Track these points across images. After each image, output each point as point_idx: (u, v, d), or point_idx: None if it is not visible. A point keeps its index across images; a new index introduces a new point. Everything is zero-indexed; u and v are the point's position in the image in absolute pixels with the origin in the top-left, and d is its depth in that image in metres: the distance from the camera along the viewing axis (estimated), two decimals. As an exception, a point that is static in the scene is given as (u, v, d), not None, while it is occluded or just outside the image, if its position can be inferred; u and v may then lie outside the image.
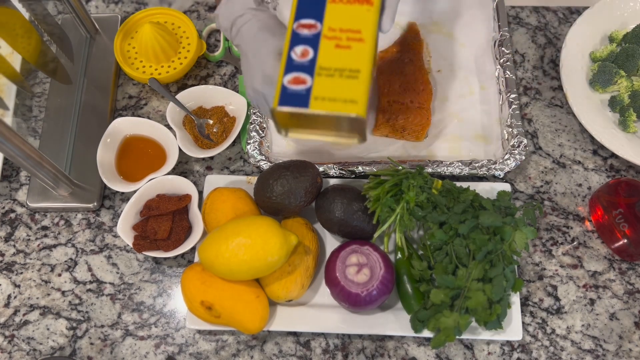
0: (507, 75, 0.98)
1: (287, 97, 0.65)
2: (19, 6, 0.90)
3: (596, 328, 0.87)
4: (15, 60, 1.03)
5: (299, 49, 0.66)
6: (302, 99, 0.65)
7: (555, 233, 0.93)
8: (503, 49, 1.00)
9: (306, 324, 0.85)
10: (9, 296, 0.91)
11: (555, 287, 0.90)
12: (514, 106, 0.95)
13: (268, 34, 0.78)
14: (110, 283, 0.91)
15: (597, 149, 0.98)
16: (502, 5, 1.04)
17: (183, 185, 0.92)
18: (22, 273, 0.92)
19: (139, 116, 1.01)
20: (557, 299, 0.89)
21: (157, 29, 0.98)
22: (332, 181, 0.93)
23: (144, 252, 0.88)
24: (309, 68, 0.66)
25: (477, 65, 1.03)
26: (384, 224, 0.84)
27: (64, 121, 1.00)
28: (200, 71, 1.05)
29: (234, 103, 0.99)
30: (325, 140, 0.71)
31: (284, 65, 0.66)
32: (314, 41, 0.67)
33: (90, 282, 0.92)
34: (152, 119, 1.00)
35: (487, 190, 0.91)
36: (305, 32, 0.67)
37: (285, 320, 0.86)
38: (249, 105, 0.98)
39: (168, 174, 0.93)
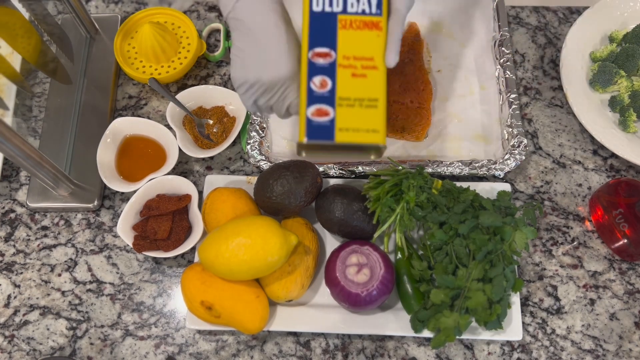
0: (507, 75, 0.98)
1: (313, 129, 0.67)
2: (19, 6, 0.90)
3: (596, 328, 0.87)
4: (15, 60, 1.03)
5: (317, 80, 0.68)
6: (327, 131, 0.68)
7: (555, 233, 0.93)
8: (503, 49, 1.00)
9: (306, 324, 0.85)
10: (9, 296, 0.91)
11: (555, 287, 0.90)
12: (514, 106, 0.95)
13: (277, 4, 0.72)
14: (110, 283, 0.91)
15: (597, 149, 0.98)
16: (502, 5, 1.04)
17: (183, 185, 0.92)
18: (22, 273, 0.92)
19: (139, 116, 1.01)
20: (557, 299, 0.89)
21: (157, 29, 0.98)
22: (332, 181, 0.93)
23: (144, 252, 0.88)
24: (330, 99, 0.68)
25: (477, 65, 1.03)
26: (384, 224, 0.84)
27: (64, 121, 1.00)
28: (200, 71, 1.05)
29: (234, 103, 0.99)
30: (343, 160, 0.75)
31: (306, 97, 0.68)
32: (330, 71, 0.69)
33: (90, 282, 0.92)
34: (152, 119, 1.00)
35: (487, 190, 0.91)
36: (321, 61, 0.69)
37: (285, 320, 0.86)
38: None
39: (168, 174, 0.93)
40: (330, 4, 0.70)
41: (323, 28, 0.69)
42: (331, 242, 0.91)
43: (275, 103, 0.74)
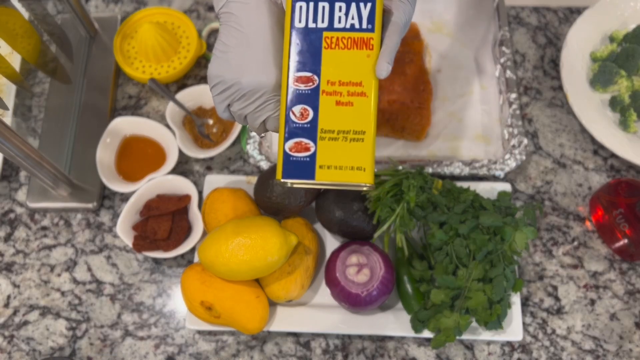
0: (507, 75, 0.98)
1: (291, 166, 0.60)
2: (18, 6, 0.90)
3: (596, 328, 0.87)
4: (15, 60, 1.03)
5: (297, 109, 0.61)
6: (307, 169, 0.60)
7: (556, 233, 0.93)
8: (503, 48, 1.00)
9: (306, 324, 0.85)
10: (9, 296, 0.91)
11: (555, 288, 0.90)
12: (514, 106, 0.95)
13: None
14: (109, 283, 0.91)
15: (598, 149, 0.98)
16: (503, 5, 1.03)
17: (183, 185, 0.92)
18: (21, 273, 0.92)
19: (139, 116, 1.01)
20: (557, 299, 0.89)
21: (157, 29, 0.98)
22: (332, 181, 0.93)
23: (143, 252, 0.88)
24: (311, 131, 0.60)
25: (477, 65, 1.03)
26: (384, 224, 0.84)
27: (63, 121, 1.00)
28: (200, 71, 1.05)
29: (234, 103, 0.99)
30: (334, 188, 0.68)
31: (284, 129, 0.61)
32: (312, 98, 0.61)
33: (90, 282, 0.91)
34: (152, 119, 1.00)
35: (487, 190, 0.91)
36: (302, 87, 0.61)
37: (285, 320, 0.85)
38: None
39: (168, 174, 0.93)
40: (315, 19, 0.60)
41: (306, 48, 0.61)
42: (331, 242, 0.91)
43: (250, 113, 0.65)
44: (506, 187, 0.92)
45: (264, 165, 0.93)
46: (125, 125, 0.97)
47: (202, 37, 1.07)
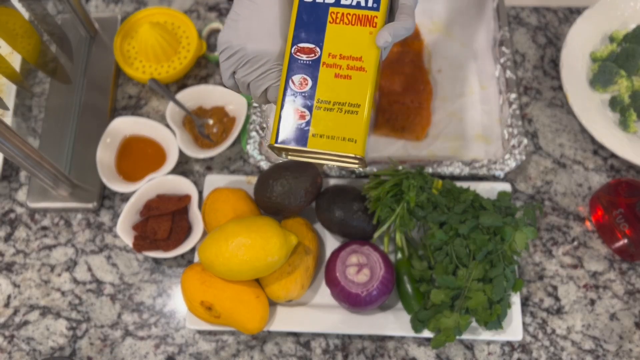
0: (507, 75, 0.98)
1: (286, 132, 0.62)
2: (18, 6, 0.90)
3: (596, 328, 0.87)
4: (15, 60, 1.03)
5: (297, 78, 0.63)
6: (300, 135, 0.62)
7: (556, 233, 0.93)
8: (503, 49, 1.00)
9: (306, 324, 0.85)
10: (9, 296, 0.91)
11: (555, 287, 0.90)
12: (514, 106, 0.95)
13: None
14: (110, 283, 0.91)
15: (597, 149, 0.98)
16: (502, 5, 1.03)
17: (183, 185, 0.92)
18: (22, 273, 0.92)
19: (139, 116, 1.01)
20: (557, 299, 0.89)
21: (157, 29, 0.98)
22: (332, 181, 0.93)
23: (143, 252, 0.88)
24: (308, 100, 0.63)
25: (477, 65, 1.03)
26: (384, 224, 0.84)
27: (63, 121, 1.00)
28: (200, 71, 1.05)
29: (234, 103, 0.99)
30: (328, 164, 0.69)
31: (282, 96, 0.63)
32: (313, 69, 0.63)
33: (90, 282, 0.92)
34: (152, 119, 1.00)
35: (487, 190, 0.91)
36: (303, 57, 0.64)
37: (285, 320, 0.85)
38: (249, 105, 0.98)
39: (168, 174, 0.93)
40: None
41: (311, 20, 0.64)
42: (331, 242, 0.91)
43: (253, 81, 0.68)
44: (506, 187, 0.92)
45: (264, 165, 0.93)
46: (125, 125, 0.97)
47: (202, 37, 1.07)
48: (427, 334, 0.84)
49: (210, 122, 0.98)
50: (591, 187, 0.96)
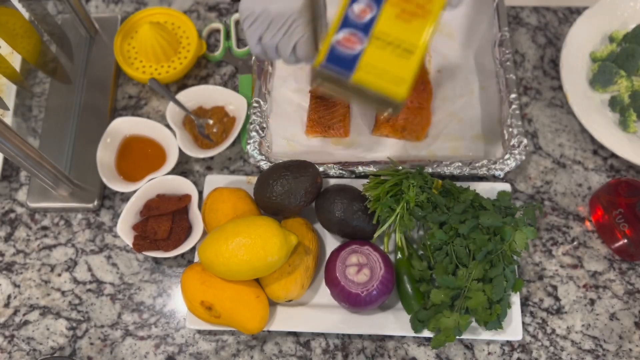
0: (507, 75, 0.98)
1: (334, 57, 0.60)
2: (18, 6, 0.90)
3: (596, 328, 0.87)
4: (15, 60, 1.03)
5: (358, 7, 0.61)
6: (348, 63, 0.60)
7: (556, 233, 0.93)
8: (503, 49, 1.00)
9: (306, 324, 0.85)
10: (9, 296, 0.91)
11: (555, 287, 0.90)
12: (514, 106, 0.95)
13: None
14: (110, 283, 0.91)
15: (597, 149, 0.98)
16: (502, 5, 1.03)
17: (183, 185, 0.92)
18: (22, 273, 0.92)
19: (138, 116, 1.01)
20: (557, 299, 0.89)
21: (157, 29, 0.98)
22: (332, 181, 0.93)
23: (143, 252, 0.88)
24: (365, 29, 0.60)
25: (477, 65, 1.03)
26: (384, 224, 0.84)
27: (63, 121, 1.00)
28: (200, 71, 1.05)
29: (234, 103, 0.99)
30: (356, 104, 0.67)
31: (339, 21, 0.61)
32: (377, 2, 0.61)
33: (90, 282, 0.92)
34: (152, 119, 1.00)
35: (487, 190, 0.91)
36: None
37: (285, 320, 0.86)
38: (249, 105, 0.98)
39: (168, 174, 0.93)
40: None
41: None
42: (331, 242, 0.91)
43: (281, 40, 0.68)
44: (506, 187, 0.92)
45: (264, 165, 0.93)
46: (125, 125, 0.97)
47: (202, 37, 1.07)
48: (427, 333, 0.84)
49: (210, 122, 0.99)
50: (591, 187, 0.96)
